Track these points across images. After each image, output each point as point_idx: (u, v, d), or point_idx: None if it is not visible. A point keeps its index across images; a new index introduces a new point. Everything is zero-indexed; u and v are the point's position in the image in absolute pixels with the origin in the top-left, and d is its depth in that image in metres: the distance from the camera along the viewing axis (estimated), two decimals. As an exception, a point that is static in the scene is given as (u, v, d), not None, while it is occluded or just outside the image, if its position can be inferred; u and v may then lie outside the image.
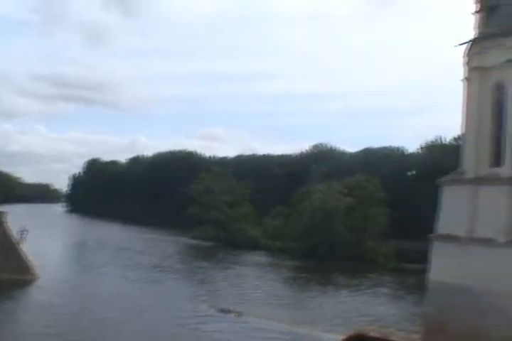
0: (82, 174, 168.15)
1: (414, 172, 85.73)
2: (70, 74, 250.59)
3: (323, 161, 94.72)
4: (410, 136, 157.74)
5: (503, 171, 34.23)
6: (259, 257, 67.79)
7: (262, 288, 45.53)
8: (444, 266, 35.98)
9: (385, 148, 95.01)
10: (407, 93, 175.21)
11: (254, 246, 75.67)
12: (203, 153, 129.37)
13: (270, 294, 42.58)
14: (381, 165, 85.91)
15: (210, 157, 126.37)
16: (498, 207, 33.83)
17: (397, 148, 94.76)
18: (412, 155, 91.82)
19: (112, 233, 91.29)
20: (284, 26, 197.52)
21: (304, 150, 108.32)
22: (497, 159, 35.17)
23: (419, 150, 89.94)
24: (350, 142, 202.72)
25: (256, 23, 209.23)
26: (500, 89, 35.60)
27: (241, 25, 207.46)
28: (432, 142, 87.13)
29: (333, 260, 61.56)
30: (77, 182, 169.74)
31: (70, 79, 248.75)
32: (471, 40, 38.22)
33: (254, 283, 48.05)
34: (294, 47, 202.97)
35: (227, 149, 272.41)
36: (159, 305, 35.20)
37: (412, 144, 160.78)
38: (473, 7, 41.37)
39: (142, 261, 57.97)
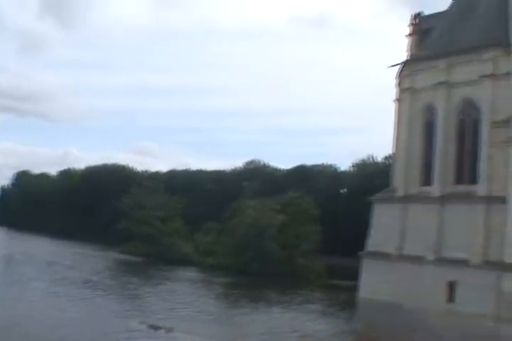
0: (10, 186, 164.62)
1: (346, 189, 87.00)
2: (1, 83, 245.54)
3: (256, 178, 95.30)
4: (343, 154, 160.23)
5: (433, 190, 34.98)
6: (190, 273, 67.62)
7: (193, 304, 45.44)
8: (374, 283, 36.45)
9: (318, 166, 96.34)
10: (341, 112, 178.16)
11: (185, 262, 75.51)
12: (135, 167, 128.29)
13: (201, 310, 42.53)
14: (314, 183, 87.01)
15: (142, 171, 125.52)
16: (427, 225, 34.49)
17: (330, 166, 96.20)
18: (344, 173, 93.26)
19: (41, 247, 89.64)
20: (222, 41, 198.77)
21: (237, 167, 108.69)
22: (427, 178, 35.93)
23: (352, 168, 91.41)
24: (283, 159, 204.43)
25: (195, 38, 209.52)
26: (430, 110, 36.48)
27: (179, 39, 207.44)
28: (364, 160, 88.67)
29: (265, 276, 61.87)
30: (5, 194, 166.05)
31: (1, 88, 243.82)
32: (403, 62, 39.06)
33: (186, 299, 47.92)
34: (231, 63, 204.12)
35: (160, 164, 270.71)
36: (88, 320, 34.77)
37: (344, 162, 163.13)
38: (406, 30, 42.41)
39: (71, 275, 57.15)
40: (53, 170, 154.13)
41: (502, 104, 32.33)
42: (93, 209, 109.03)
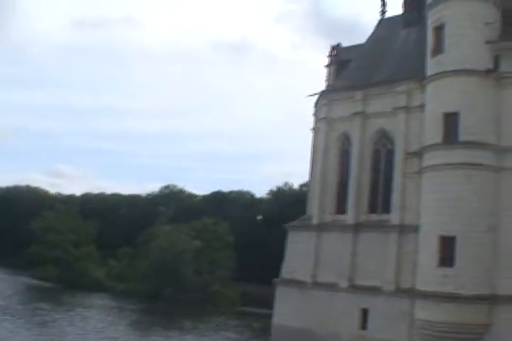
0: None
1: (262, 216, 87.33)
2: None
3: (172, 203, 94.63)
4: (260, 181, 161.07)
5: (347, 218, 35.54)
6: (102, 299, 66.30)
7: (104, 332, 44.48)
8: (287, 310, 36.56)
9: (234, 192, 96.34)
10: (259, 138, 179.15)
11: (98, 287, 73.95)
12: (49, 189, 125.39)
13: (112, 338, 41.68)
14: (230, 209, 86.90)
15: (56, 194, 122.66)
16: (341, 252, 34.93)
17: (247, 192, 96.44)
18: (261, 199, 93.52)
19: None
20: (148, 64, 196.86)
21: (153, 191, 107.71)
22: (341, 206, 36.50)
23: (268, 195, 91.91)
24: (200, 184, 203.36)
25: (120, 59, 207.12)
26: (346, 139, 37.22)
27: (104, 59, 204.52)
28: (281, 188, 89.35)
29: (179, 303, 61.30)
30: None
31: None
32: (320, 92, 39.79)
33: (96, 326, 46.86)
34: (154, 86, 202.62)
35: (75, 187, 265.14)
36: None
37: (261, 189, 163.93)
38: (325, 61, 43.32)
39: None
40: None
41: (415, 135, 33.19)
42: (4, 232, 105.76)
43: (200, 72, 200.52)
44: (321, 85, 42.53)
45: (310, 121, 42.55)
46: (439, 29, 31.86)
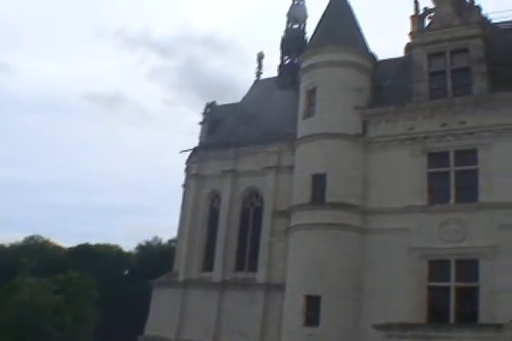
0: None
1: (129, 271, 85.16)
2: None
3: (36, 254, 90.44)
4: (128, 235, 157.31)
5: (214, 276, 34.80)
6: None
7: None
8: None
9: (101, 245, 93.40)
10: (129, 192, 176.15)
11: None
12: None
13: None
14: (97, 263, 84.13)
15: None
16: (207, 310, 34.09)
17: (115, 246, 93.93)
18: (129, 253, 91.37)
19: None
20: (13, 112, 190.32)
21: (17, 241, 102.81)
22: (209, 264, 35.76)
23: (136, 250, 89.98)
24: (66, 236, 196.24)
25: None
26: (215, 197, 36.86)
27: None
28: (149, 242, 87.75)
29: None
30: None
31: None
32: (193, 148, 39.38)
33: None
34: (20, 134, 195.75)
35: None
36: None
37: (129, 243, 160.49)
38: (199, 118, 43.17)
39: None
40: None
41: (283, 195, 33.21)
42: None
43: (68, 122, 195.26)
44: (195, 142, 42.22)
45: (182, 177, 42.02)
46: (310, 93, 32.34)
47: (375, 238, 29.07)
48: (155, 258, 75.09)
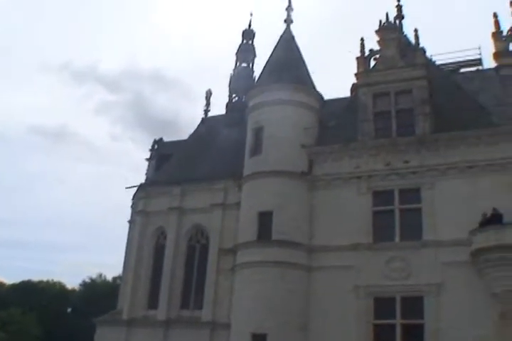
0: None
1: (73, 308, 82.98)
2: None
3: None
4: (72, 272, 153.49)
5: (158, 314, 33.86)
6: None
7: None
8: None
9: (44, 282, 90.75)
10: (73, 228, 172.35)
11: None
12: None
13: None
14: (39, 300, 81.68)
15: None
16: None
17: (58, 283, 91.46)
18: (72, 290, 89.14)
19: None
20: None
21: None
22: (153, 301, 34.80)
23: (80, 287, 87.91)
24: (8, 273, 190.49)
25: None
26: (161, 234, 36.14)
27: None
28: (93, 279, 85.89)
29: None
30: None
31: None
32: (139, 185, 38.71)
33: None
34: None
35: None
36: None
37: (73, 280, 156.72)
38: (147, 154, 42.68)
39: None
40: None
41: (230, 232, 32.74)
42: None
43: (12, 155, 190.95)
44: (142, 178, 41.63)
45: (128, 213, 41.18)
46: (258, 131, 32.37)
47: (321, 276, 28.83)
48: (99, 295, 73.23)
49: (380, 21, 32.84)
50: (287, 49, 35.38)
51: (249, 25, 44.24)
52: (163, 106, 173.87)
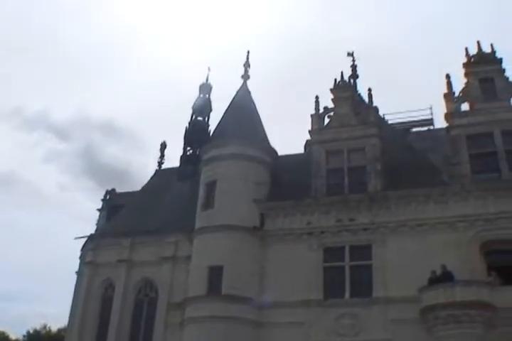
0: None
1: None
2: None
3: None
4: (15, 322, 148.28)
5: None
6: None
7: None
8: None
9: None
10: (20, 277, 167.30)
11: None
12: None
13: None
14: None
15: None
16: None
17: (2, 333, 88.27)
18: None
19: None
20: None
21: None
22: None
23: (24, 338, 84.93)
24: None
25: None
26: (109, 286, 35.04)
27: None
28: (37, 330, 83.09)
29: None
30: None
31: None
32: (89, 235, 37.76)
33: None
34: None
35: None
36: None
37: (17, 330, 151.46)
38: (98, 204, 41.89)
39: None
40: None
41: (179, 286, 31.92)
42: None
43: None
44: (92, 228, 40.67)
45: (76, 264, 40.02)
46: (211, 185, 32.15)
47: (271, 332, 28.18)
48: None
49: (335, 80, 33.40)
50: (243, 104, 35.52)
51: (207, 79, 44.30)
52: (114, 156, 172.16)
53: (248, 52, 37.97)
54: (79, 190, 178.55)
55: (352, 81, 33.95)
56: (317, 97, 33.36)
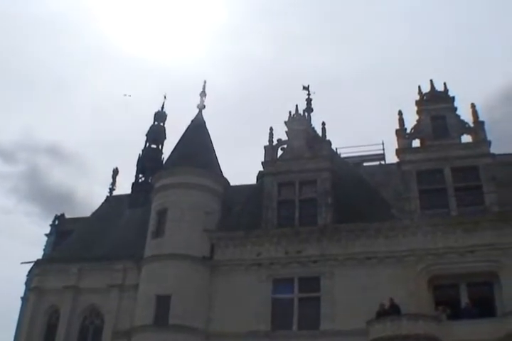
0: None
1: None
2: None
3: None
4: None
5: None
6: None
7: None
8: None
9: None
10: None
11: None
12: None
13: None
14: None
15: None
16: None
17: None
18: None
19: None
20: None
21: None
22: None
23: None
24: None
25: None
26: (54, 313, 33.78)
27: None
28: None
29: None
30: None
31: None
32: (35, 261, 36.51)
33: None
34: None
35: None
36: None
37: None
38: (46, 229, 40.75)
39: None
40: None
41: (126, 314, 30.91)
42: None
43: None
44: (39, 253, 39.44)
45: (21, 289, 38.67)
46: (161, 213, 31.47)
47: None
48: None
49: (290, 112, 33.33)
50: (197, 134, 35.14)
51: (162, 107, 43.74)
52: (60, 180, 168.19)
53: (205, 81, 37.71)
54: (23, 213, 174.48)
55: (306, 114, 33.83)
56: (271, 129, 33.25)
